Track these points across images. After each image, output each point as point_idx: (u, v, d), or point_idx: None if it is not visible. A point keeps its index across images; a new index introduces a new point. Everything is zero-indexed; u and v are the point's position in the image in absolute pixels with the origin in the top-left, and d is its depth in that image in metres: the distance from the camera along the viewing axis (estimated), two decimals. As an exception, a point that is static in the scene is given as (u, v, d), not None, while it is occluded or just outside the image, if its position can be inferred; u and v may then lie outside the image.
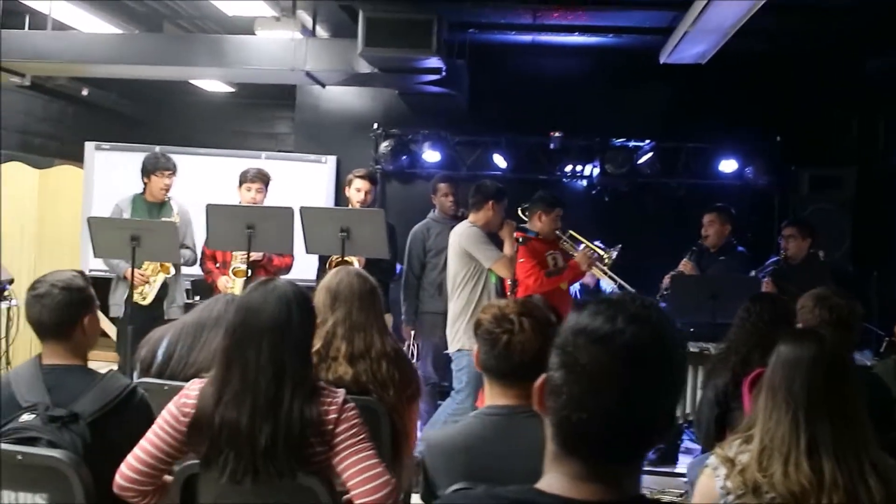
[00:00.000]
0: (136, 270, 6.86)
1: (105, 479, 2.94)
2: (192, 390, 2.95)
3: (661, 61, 8.10)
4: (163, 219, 7.14)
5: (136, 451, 2.92)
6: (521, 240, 6.74)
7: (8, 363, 8.93)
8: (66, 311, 3.16)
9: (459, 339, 6.66)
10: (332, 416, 2.87)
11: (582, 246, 7.05)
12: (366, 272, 4.11)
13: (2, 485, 2.92)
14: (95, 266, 8.05)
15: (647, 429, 1.57)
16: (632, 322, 1.54)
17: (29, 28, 8.11)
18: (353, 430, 2.91)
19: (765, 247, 8.71)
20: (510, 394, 2.87)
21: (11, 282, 8.74)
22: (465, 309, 6.66)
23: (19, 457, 2.87)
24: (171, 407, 2.96)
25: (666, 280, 7.25)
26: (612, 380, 1.52)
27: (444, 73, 7.42)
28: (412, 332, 7.51)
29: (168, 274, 7.11)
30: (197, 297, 8.25)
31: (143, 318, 6.72)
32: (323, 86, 8.37)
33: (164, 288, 7.28)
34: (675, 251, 7.73)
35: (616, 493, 1.55)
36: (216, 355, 2.98)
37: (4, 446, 2.92)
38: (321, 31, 8.12)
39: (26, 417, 3.00)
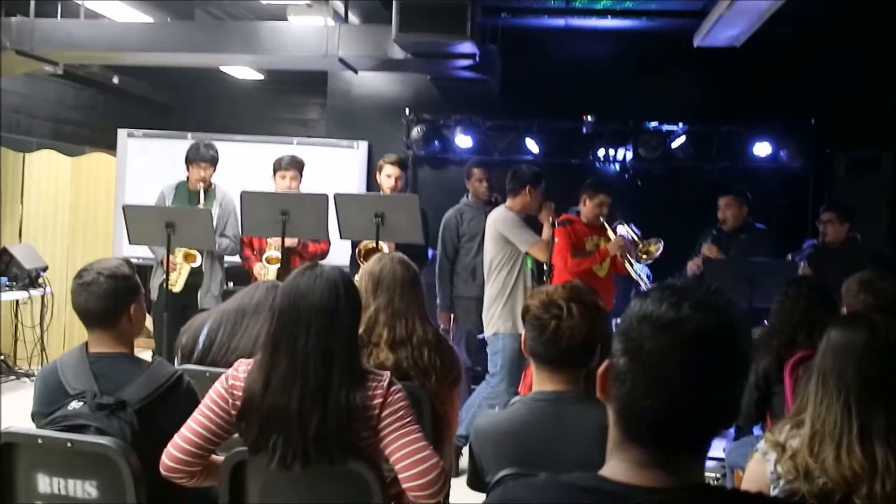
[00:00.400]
0: (164, 258, 6.93)
1: (153, 466, 2.95)
2: (241, 371, 2.95)
3: (695, 45, 8.03)
4: (200, 206, 7.17)
5: (184, 431, 2.93)
6: (556, 222, 6.75)
7: (42, 349, 9.02)
8: (112, 299, 3.17)
9: (495, 323, 6.72)
10: (378, 399, 2.87)
11: (623, 233, 7.02)
12: (409, 259, 4.10)
13: (52, 471, 2.95)
14: (129, 253, 8.08)
15: (713, 416, 1.56)
16: (698, 309, 1.53)
17: (61, 17, 8.13)
18: (400, 413, 2.89)
19: (799, 231, 8.65)
20: (557, 379, 2.86)
21: (46, 269, 8.84)
22: (500, 293, 6.72)
23: (69, 444, 2.89)
24: (217, 387, 2.96)
25: (690, 266, 7.20)
26: (678, 367, 1.51)
27: (477, 59, 7.38)
28: (450, 318, 7.51)
29: (193, 263, 7.12)
30: (230, 284, 8.28)
31: (175, 306, 6.77)
32: (356, 72, 8.34)
33: (200, 276, 7.31)
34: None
35: (680, 480, 1.54)
36: (262, 340, 2.98)
37: (54, 434, 2.94)
38: (352, 17, 8.10)
39: (74, 405, 3.02)
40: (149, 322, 7.53)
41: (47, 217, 9.67)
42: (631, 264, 7.05)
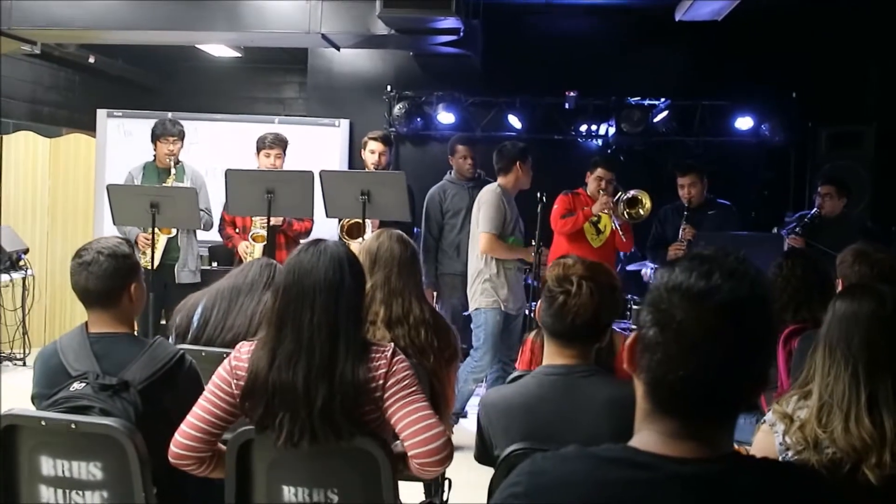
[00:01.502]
0: (140, 234, 6.91)
1: (158, 447, 2.92)
2: (243, 353, 2.92)
3: (677, 19, 8.02)
4: (175, 183, 7.13)
5: (190, 418, 2.90)
6: (545, 199, 6.80)
7: (25, 333, 8.94)
8: (113, 278, 3.13)
9: (477, 298, 6.80)
10: (382, 370, 2.85)
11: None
12: (407, 237, 4.08)
13: (55, 453, 2.92)
14: (108, 234, 8.01)
15: (744, 385, 1.56)
16: (729, 277, 1.53)
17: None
18: (405, 382, 2.88)
19: (781, 204, 8.70)
20: (567, 353, 2.86)
21: (26, 251, 8.75)
22: (483, 269, 6.75)
23: (73, 426, 2.86)
24: (221, 371, 2.93)
25: (672, 252, 7.18)
26: (711, 337, 1.51)
27: (461, 34, 7.35)
28: (434, 294, 7.51)
29: (169, 235, 7.10)
30: (214, 264, 8.25)
31: (155, 283, 6.74)
32: (338, 48, 8.28)
33: (176, 251, 7.29)
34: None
35: (711, 450, 1.54)
36: (266, 316, 2.95)
37: (57, 415, 2.91)
38: (333, -7, 8.04)
39: (77, 386, 2.98)
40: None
41: (26, 199, 9.56)
42: (612, 217, 7.09)
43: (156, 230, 6.78)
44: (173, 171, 7.25)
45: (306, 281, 2.83)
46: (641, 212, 7.05)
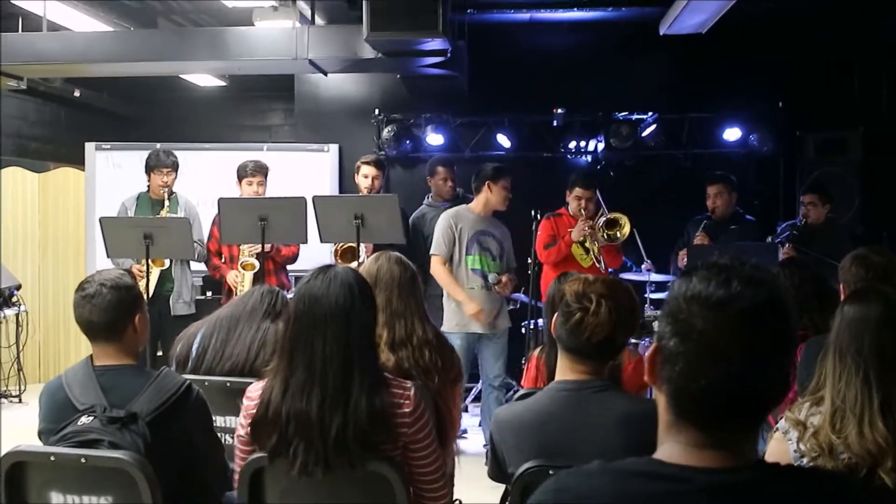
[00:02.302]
0: (133, 266, 6.89)
1: (166, 478, 2.91)
2: (253, 393, 2.94)
3: (662, 32, 8.06)
4: (169, 215, 7.12)
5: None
6: (539, 216, 6.79)
7: (20, 369, 8.90)
8: (117, 310, 3.11)
9: (445, 321, 6.78)
10: (406, 409, 2.86)
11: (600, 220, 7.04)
12: (406, 259, 4.07)
13: (65, 489, 2.90)
14: (101, 267, 7.97)
15: (767, 392, 1.56)
16: (748, 285, 1.53)
17: (22, 31, 8.02)
18: (426, 430, 2.93)
19: (772, 213, 8.72)
20: (579, 369, 2.85)
21: (19, 287, 8.71)
22: (445, 292, 6.86)
23: (83, 460, 2.84)
24: (241, 420, 2.96)
25: (682, 258, 7.19)
26: (732, 345, 1.51)
27: (449, 55, 7.36)
28: None
29: (162, 267, 7.07)
30: (209, 293, 8.22)
31: (150, 314, 6.67)
32: (325, 74, 8.29)
33: (171, 283, 7.27)
34: (683, 222, 7.74)
35: (737, 458, 1.54)
36: (279, 344, 2.94)
37: (67, 450, 2.88)
38: (318, 20, 8.05)
39: (84, 420, 2.96)
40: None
41: (17, 235, 9.53)
42: (589, 243, 7.07)
43: (149, 263, 6.76)
44: (167, 202, 7.23)
45: (317, 310, 2.82)
46: (619, 234, 7.00)
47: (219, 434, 3.46)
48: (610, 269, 7.52)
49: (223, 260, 7.26)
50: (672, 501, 1.50)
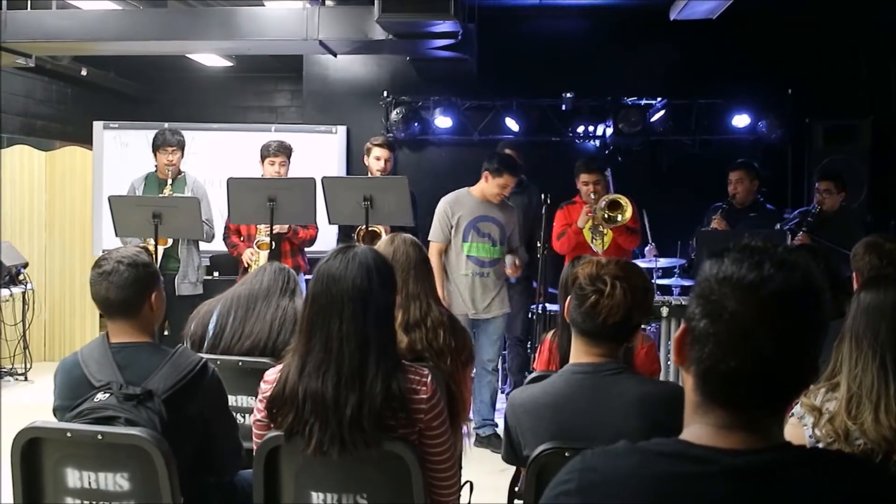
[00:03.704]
0: (139, 245, 6.86)
1: (181, 456, 2.91)
2: (270, 377, 2.94)
3: (672, 18, 8.03)
4: (176, 194, 7.11)
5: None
6: (549, 200, 6.76)
7: (26, 347, 8.91)
8: (133, 287, 3.10)
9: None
10: (423, 395, 2.85)
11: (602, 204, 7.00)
12: (419, 241, 4.07)
13: (81, 465, 2.90)
14: (108, 246, 7.99)
15: (796, 375, 1.56)
16: (781, 268, 1.53)
17: (31, 8, 8.00)
18: (442, 418, 2.93)
19: (780, 201, 8.71)
20: (594, 352, 2.84)
21: (26, 266, 8.72)
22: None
23: (99, 436, 2.84)
24: (257, 404, 2.96)
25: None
26: (763, 327, 1.51)
27: (459, 38, 7.35)
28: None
29: (165, 245, 7.06)
30: (216, 273, 8.22)
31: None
32: (335, 55, 8.27)
33: (176, 262, 7.27)
34: (690, 208, 7.74)
35: (764, 440, 1.54)
36: (299, 324, 2.94)
37: (83, 426, 2.89)
38: (329, 0, 8.03)
39: (101, 397, 2.96)
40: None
41: (23, 213, 9.53)
42: (595, 224, 7.02)
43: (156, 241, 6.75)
44: (170, 182, 7.22)
45: (334, 289, 2.81)
46: (620, 217, 6.91)
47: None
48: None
49: (241, 238, 7.25)
50: (699, 482, 1.50)
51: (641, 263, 7.35)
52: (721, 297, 1.53)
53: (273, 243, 6.72)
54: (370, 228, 6.51)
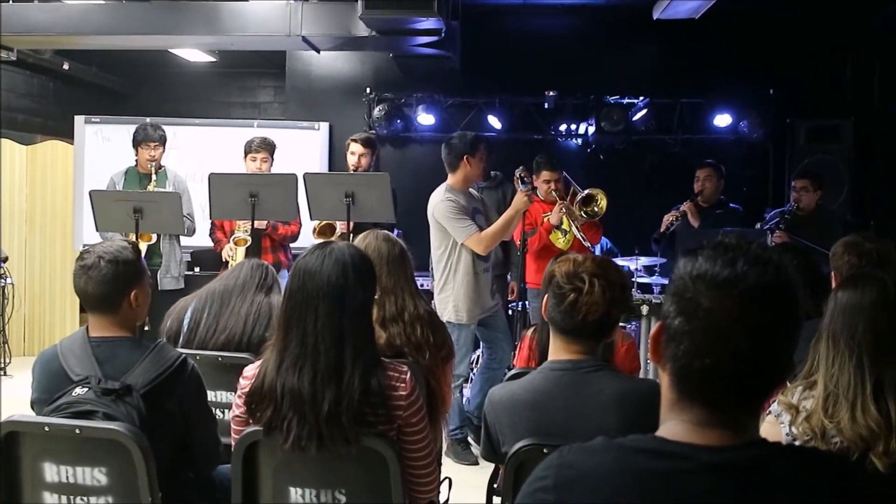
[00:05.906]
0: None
1: (160, 451, 2.90)
2: (248, 373, 2.95)
3: (655, 17, 8.05)
4: (157, 189, 7.10)
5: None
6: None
7: (5, 342, 8.87)
8: (112, 284, 3.09)
9: (438, 310, 6.32)
10: (402, 392, 2.86)
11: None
12: (394, 236, 4.06)
13: (59, 459, 2.89)
14: (88, 241, 7.97)
15: (771, 372, 1.57)
16: (754, 264, 1.53)
17: (14, 1, 7.95)
18: (420, 414, 2.94)
19: (761, 200, 8.75)
20: (573, 349, 2.85)
21: (6, 260, 8.67)
22: (441, 280, 6.47)
23: (77, 431, 2.83)
24: (236, 399, 2.95)
25: (667, 219, 7.29)
26: (738, 324, 1.51)
27: (442, 35, 7.34)
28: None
29: (149, 242, 7.03)
30: (197, 269, 8.20)
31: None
32: (318, 51, 8.25)
33: (158, 257, 7.24)
34: (672, 206, 7.73)
35: (739, 437, 1.55)
36: (277, 320, 2.94)
37: (61, 420, 2.88)
38: (310, -4, 8.01)
39: (79, 391, 2.95)
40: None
41: (4, 207, 9.47)
42: (569, 221, 6.98)
43: (138, 237, 6.71)
44: (154, 176, 7.20)
45: (310, 285, 2.82)
46: (596, 209, 6.88)
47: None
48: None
49: (226, 235, 7.23)
50: (676, 479, 1.51)
51: (621, 262, 7.36)
52: (695, 294, 1.54)
53: (252, 239, 6.72)
54: (327, 222, 6.53)
